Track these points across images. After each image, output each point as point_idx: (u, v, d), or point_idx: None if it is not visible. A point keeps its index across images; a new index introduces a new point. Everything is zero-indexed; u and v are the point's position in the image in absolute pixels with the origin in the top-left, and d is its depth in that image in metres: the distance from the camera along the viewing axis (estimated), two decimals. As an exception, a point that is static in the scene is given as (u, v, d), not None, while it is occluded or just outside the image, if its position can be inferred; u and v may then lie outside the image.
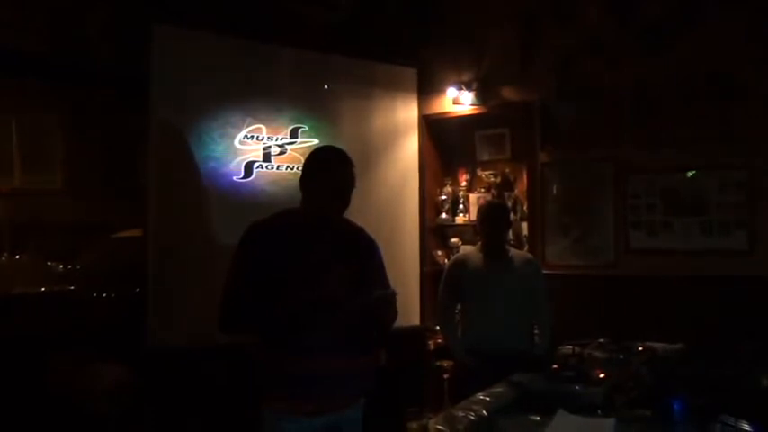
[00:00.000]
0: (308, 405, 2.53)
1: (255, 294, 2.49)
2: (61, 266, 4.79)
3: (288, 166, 4.67)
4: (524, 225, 5.16)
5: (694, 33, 4.38)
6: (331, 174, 2.63)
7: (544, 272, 4.24)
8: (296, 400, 2.53)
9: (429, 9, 5.44)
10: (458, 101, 5.28)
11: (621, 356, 2.85)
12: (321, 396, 2.54)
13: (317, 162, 2.71)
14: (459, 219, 5.46)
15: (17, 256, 4.67)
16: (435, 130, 5.55)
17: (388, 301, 2.55)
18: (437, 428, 2.32)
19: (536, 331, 4.00)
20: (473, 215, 5.18)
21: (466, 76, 5.28)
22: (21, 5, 4.11)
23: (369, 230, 2.84)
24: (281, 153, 4.70)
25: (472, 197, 5.44)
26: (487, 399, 2.53)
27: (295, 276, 2.49)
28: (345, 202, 2.65)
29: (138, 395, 4.06)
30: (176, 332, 4.15)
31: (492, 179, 5.35)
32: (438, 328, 4.75)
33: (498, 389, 2.65)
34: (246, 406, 2.73)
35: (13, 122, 4.64)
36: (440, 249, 5.55)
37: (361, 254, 2.74)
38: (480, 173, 5.45)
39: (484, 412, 2.37)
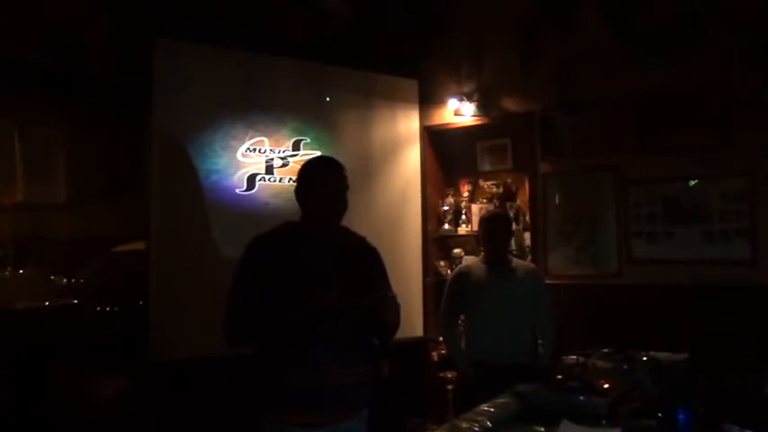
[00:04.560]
0: (308, 416, 2.53)
1: (259, 306, 2.50)
2: (64, 280, 4.79)
3: (290, 179, 4.67)
4: (527, 235, 5.15)
5: (693, 42, 4.39)
6: (326, 179, 2.67)
7: (547, 282, 4.24)
8: (296, 411, 2.53)
9: (429, 21, 5.45)
10: (459, 112, 5.29)
11: (626, 366, 2.85)
12: (322, 407, 2.53)
13: (312, 170, 2.75)
14: (462, 229, 5.45)
15: (21, 270, 4.67)
16: (437, 140, 5.56)
17: (389, 305, 2.55)
18: (441, 440, 2.32)
19: (539, 341, 4.00)
20: (475, 226, 5.18)
21: (467, 87, 5.29)
22: (25, 16, 4.12)
23: (371, 240, 2.85)
24: (284, 165, 4.72)
25: (474, 208, 5.44)
26: (491, 410, 2.52)
27: (298, 286, 2.49)
28: (344, 205, 2.68)
29: (141, 407, 4.06)
30: (179, 345, 4.15)
31: (494, 189, 5.35)
32: (441, 339, 4.75)
33: (502, 400, 2.65)
34: (248, 418, 2.72)
35: (15, 134, 4.65)
36: (442, 260, 5.54)
37: (364, 263, 2.75)
38: (482, 183, 5.45)
39: (488, 423, 2.37)
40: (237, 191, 4.53)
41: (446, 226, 5.50)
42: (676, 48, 4.45)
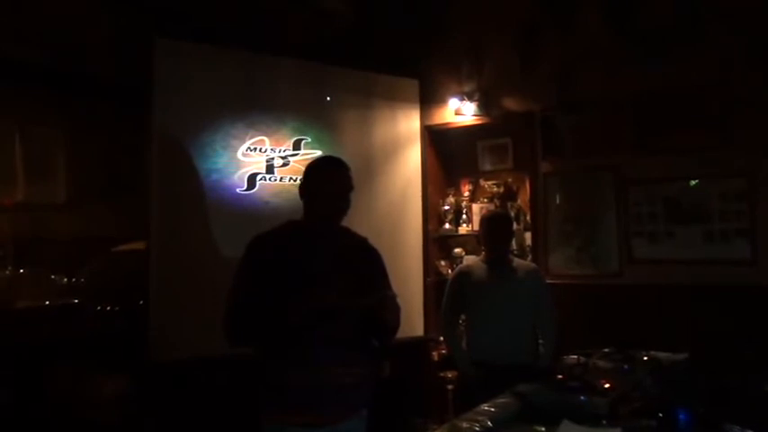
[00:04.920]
0: (308, 416, 2.53)
1: (259, 305, 2.50)
2: (65, 279, 4.79)
3: (291, 178, 4.68)
4: (527, 235, 5.14)
5: (693, 42, 4.38)
6: (331, 177, 2.69)
7: (547, 281, 4.24)
8: (296, 411, 2.53)
9: (429, 21, 5.45)
10: (460, 111, 5.28)
11: (626, 366, 2.85)
12: (322, 407, 2.54)
13: (317, 169, 2.76)
14: (462, 229, 5.44)
15: (21, 270, 4.67)
16: (437, 140, 5.56)
17: (389, 305, 2.55)
18: (442, 439, 2.32)
19: (540, 341, 3.99)
20: (476, 225, 5.18)
21: (467, 87, 5.28)
22: (25, 16, 4.13)
23: (371, 240, 2.85)
24: (284, 165, 4.72)
25: (475, 207, 5.43)
26: (492, 410, 2.52)
27: (298, 286, 2.49)
28: (347, 204, 2.69)
29: (141, 407, 4.06)
30: (179, 345, 4.14)
31: (495, 189, 5.35)
32: (442, 338, 4.75)
33: (502, 399, 2.65)
34: (248, 418, 2.72)
35: (16, 134, 4.65)
36: (443, 260, 5.54)
37: (365, 263, 2.76)
38: (483, 183, 5.45)
39: (488, 423, 2.37)
40: (238, 190, 4.53)
41: (447, 225, 5.49)
42: (676, 48, 4.44)
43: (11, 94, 4.35)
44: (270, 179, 4.65)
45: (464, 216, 5.46)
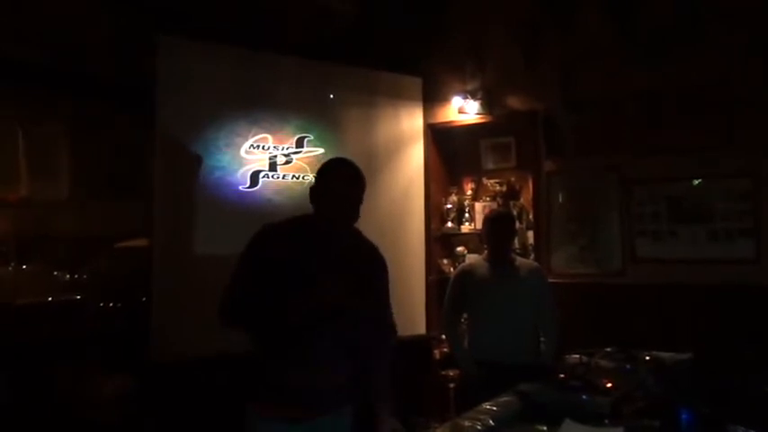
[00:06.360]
0: (294, 411, 2.53)
1: (258, 304, 2.50)
2: (68, 276, 4.78)
3: (294, 176, 4.69)
4: (530, 234, 5.13)
5: (693, 42, 4.38)
6: (340, 177, 2.61)
7: (550, 280, 4.23)
8: (282, 405, 2.53)
9: (429, 21, 5.44)
10: (463, 110, 5.28)
11: (629, 366, 2.84)
12: (321, 405, 2.54)
13: (328, 167, 2.69)
14: (465, 228, 5.44)
15: (24, 266, 4.67)
16: (440, 138, 5.56)
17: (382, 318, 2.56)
18: (443, 438, 2.32)
19: (542, 340, 3.99)
20: (478, 224, 5.17)
21: (471, 85, 5.27)
22: (25, 16, 4.13)
23: (373, 239, 2.81)
24: (287, 162, 4.72)
25: (478, 206, 5.42)
26: (494, 408, 2.52)
27: (297, 285, 2.47)
28: (355, 212, 2.60)
29: (141, 407, 4.06)
30: (180, 342, 4.14)
31: (497, 188, 5.34)
32: (444, 337, 4.74)
33: (504, 398, 2.64)
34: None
35: (19, 132, 4.65)
36: (445, 258, 5.53)
37: (365, 265, 2.71)
38: (486, 181, 5.43)
39: (490, 422, 2.37)
40: (241, 188, 4.54)
41: (449, 224, 5.49)
42: (676, 48, 4.44)
43: (11, 93, 4.34)
44: (273, 176, 4.65)
45: (467, 215, 5.45)
